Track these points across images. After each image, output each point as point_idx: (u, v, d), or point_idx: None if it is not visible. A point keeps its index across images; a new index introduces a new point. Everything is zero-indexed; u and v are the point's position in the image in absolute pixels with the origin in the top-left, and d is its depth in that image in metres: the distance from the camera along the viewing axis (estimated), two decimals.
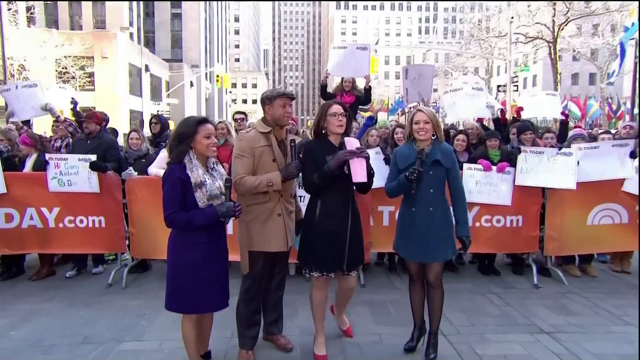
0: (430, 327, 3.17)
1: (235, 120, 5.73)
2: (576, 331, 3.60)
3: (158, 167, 4.63)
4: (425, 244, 2.96)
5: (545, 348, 3.31)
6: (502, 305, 4.16)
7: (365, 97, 5.96)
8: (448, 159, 2.99)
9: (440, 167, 2.96)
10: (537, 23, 27.45)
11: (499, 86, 30.45)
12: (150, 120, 6.05)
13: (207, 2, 51.08)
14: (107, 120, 6.15)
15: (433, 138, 2.99)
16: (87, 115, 5.06)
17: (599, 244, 4.89)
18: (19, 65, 22.89)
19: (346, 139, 2.92)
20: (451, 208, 3.07)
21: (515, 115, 6.08)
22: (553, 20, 26.23)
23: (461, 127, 6.37)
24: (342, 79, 5.96)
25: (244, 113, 5.87)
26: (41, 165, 4.70)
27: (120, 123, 26.27)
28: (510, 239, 4.78)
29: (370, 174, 2.87)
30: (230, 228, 4.31)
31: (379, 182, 3.39)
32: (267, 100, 2.97)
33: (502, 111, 6.11)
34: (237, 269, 3.20)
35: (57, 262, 5.33)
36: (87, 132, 5.00)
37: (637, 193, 4.61)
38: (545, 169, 4.59)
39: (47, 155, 4.68)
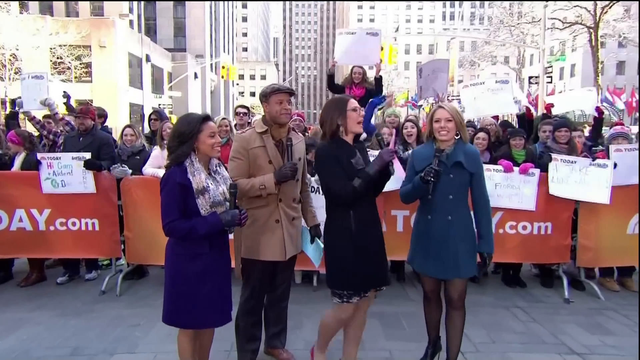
0: (448, 357, 3.06)
1: (237, 114, 5.68)
2: (612, 353, 3.53)
3: (153, 167, 4.69)
4: (443, 257, 2.85)
5: None
6: (528, 321, 4.12)
7: (376, 87, 5.94)
8: (473, 163, 2.88)
9: (462, 171, 2.86)
10: (576, 6, 26.89)
11: (530, 77, 29.88)
12: (150, 116, 6.14)
13: None
14: (105, 117, 6.24)
15: (457, 138, 2.89)
16: (81, 110, 5.07)
17: None
18: (11, 55, 23.29)
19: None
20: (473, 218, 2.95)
21: (545, 112, 6.01)
22: (595, 2, 25.64)
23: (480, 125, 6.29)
24: (352, 69, 5.94)
25: (246, 107, 5.84)
26: (30, 165, 4.80)
27: (119, 117, 26.65)
28: (538, 247, 4.72)
29: (388, 176, 2.82)
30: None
31: (392, 184, 3.33)
32: (263, 98, 2.99)
33: (527, 107, 6.03)
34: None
35: (49, 264, 5.44)
36: (83, 129, 5.01)
37: None
38: (576, 180, 4.53)
39: (39, 155, 4.75)
